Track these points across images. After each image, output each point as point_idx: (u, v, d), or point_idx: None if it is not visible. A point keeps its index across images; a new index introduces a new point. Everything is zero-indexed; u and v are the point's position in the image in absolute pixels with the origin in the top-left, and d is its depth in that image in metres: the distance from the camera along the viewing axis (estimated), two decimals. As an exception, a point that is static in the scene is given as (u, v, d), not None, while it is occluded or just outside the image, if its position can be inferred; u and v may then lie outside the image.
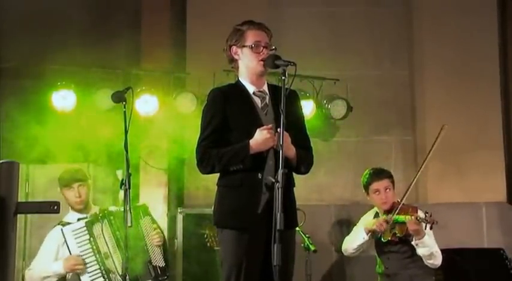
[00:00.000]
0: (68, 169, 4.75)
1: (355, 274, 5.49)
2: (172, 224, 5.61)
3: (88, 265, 4.36)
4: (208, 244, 4.62)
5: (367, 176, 4.84)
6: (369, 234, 4.71)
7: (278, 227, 3.02)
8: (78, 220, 4.46)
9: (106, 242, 4.39)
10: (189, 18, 6.12)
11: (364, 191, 4.88)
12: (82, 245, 4.38)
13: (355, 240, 4.81)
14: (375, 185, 4.77)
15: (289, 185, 3.33)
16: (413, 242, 4.57)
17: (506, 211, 5.89)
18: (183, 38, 6.11)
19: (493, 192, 5.90)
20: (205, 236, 4.66)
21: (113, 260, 4.35)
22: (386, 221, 4.60)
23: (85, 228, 4.39)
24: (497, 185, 5.93)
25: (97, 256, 4.36)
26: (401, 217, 4.58)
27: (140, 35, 6.29)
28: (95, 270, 4.36)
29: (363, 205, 5.16)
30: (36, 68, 5.92)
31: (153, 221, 4.64)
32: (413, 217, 4.49)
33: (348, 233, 5.10)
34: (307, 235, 4.97)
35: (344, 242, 4.95)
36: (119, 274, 4.25)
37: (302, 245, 4.91)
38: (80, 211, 4.59)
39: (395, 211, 4.61)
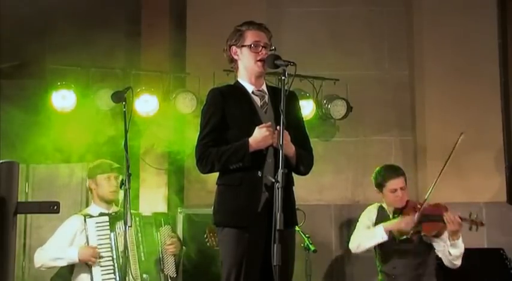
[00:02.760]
0: (104, 160, 4.71)
1: (355, 273, 5.49)
2: (173, 225, 5.61)
3: (102, 260, 4.35)
4: (208, 244, 4.61)
5: (382, 173, 4.70)
6: (389, 233, 4.55)
7: (278, 227, 3.02)
8: (100, 214, 4.46)
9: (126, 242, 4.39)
10: (189, 18, 6.12)
11: (376, 188, 4.76)
12: (101, 239, 4.37)
13: (372, 238, 4.60)
14: (392, 184, 4.64)
15: (288, 184, 3.32)
16: (448, 243, 4.47)
17: (506, 211, 5.88)
18: (183, 38, 6.11)
19: (493, 192, 5.90)
20: (205, 236, 4.65)
21: (128, 260, 4.34)
22: (413, 221, 4.47)
23: (108, 223, 4.39)
24: (497, 185, 5.93)
25: (114, 252, 4.36)
26: (431, 216, 4.48)
27: (140, 35, 6.29)
28: (108, 266, 4.35)
29: (363, 205, 5.15)
30: (36, 68, 5.92)
31: (173, 230, 4.65)
32: (456, 216, 4.37)
33: (348, 233, 5.07)
34: (307, 235, 4.96)
35: (353, 238, 4.73)
36: (131, 274, 4.26)
37: (302, 245, 4.90)
38: (108, 203, 4.57)
39: (419, 211, 4.49)
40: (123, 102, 4.10)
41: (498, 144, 6.02)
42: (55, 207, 2.09)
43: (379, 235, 4.58)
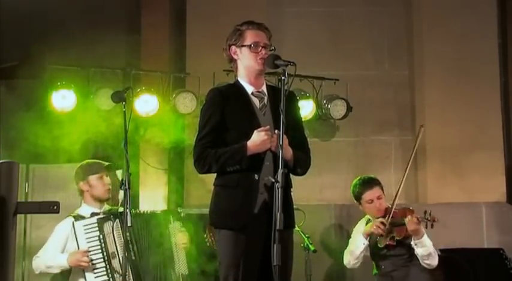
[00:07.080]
0: (91, 160, 4.70)
1: (355, 274, 5.48)
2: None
3: (94, 262, 4.32)
4: (208, 244, 4.61)
5: (357, 186, 4.82)
6: (368, 238, 4.71)
7: (278, 227, 3.02)
8: (92, 214, 4.44)
9: (115, 242, 4.36)
10: (189, 18, 6.12)
11: (355, 201, 4.86)
12: (91, 241, 4.35)
13: (356, 249, 4.76)
14: (368, 195, 4.76)
15: (287, 186, 3.32)
16: (412, 242, 4.57)
17: (506, 211, 5.88)
18: (183, 38, 6.11)
19: (493, 192, 5.90)
20: (205, 236, 4.65)
21: (119, 261, 4.32)
22: (383, 223, 4.61)
23: (96, 224, 4.35)
24: (497, 185, 5.93)
25: (104, 254, 4.34)
26: (399, 220, 4.59)
27: (140, 35, 6.29)
28: (101, 268, 4.32)
29: (363, 205, 5.15)
30: (36, 68, 5.92)
31: (182, 226, 4.60)
32: (413, 217, 4.51)
33: (348, 234, 5.09)
34: (307, 235, 4.96)
35: (344, 255, 4.87)
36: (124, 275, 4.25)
37: (302, 245, 4.90)
38: (102, 202, 4.55)
39: (389, 216, 4.63)
40: (123, 102, 4.10)
41: (498, 144, 6.02)
42: (55, 207, 2.09)
43: (360, 241, 4.74)
